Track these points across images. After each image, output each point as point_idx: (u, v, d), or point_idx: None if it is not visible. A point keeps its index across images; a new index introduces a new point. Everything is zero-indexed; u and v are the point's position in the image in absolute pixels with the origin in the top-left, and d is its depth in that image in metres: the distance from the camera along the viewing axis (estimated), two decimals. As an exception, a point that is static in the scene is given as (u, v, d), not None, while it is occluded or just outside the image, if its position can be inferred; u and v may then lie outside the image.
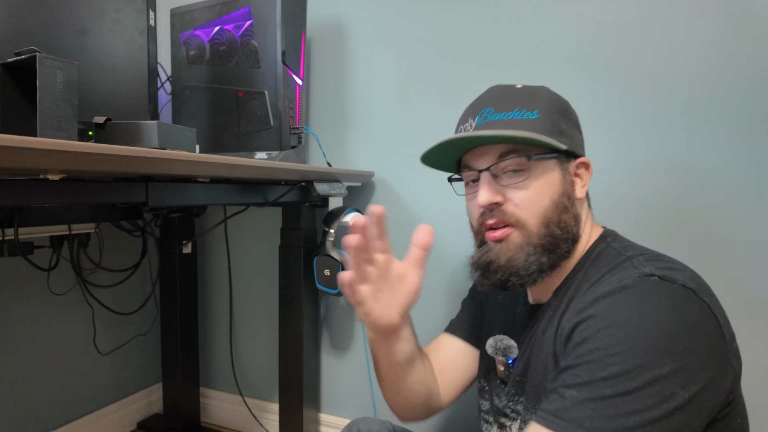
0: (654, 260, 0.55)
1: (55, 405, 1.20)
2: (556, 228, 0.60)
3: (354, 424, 0.81)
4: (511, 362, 0.68)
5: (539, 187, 0.60)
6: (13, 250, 0.94)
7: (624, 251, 0.59)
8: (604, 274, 0.57)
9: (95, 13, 0.86)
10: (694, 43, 0.91)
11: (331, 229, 1.06)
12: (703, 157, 0.91)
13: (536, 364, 0.62)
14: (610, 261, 0.59)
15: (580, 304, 0.55)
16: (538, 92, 0.64)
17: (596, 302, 0.52)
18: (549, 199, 0.60)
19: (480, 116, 0.64)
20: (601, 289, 0.53)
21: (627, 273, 0.54)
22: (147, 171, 0.61)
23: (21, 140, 0.42)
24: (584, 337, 0.51)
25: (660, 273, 0.52)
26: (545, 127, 0.60)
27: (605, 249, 0.62)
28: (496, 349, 0.71)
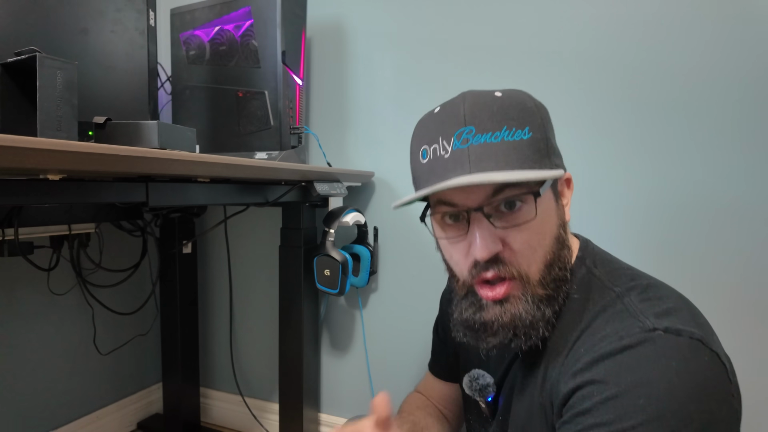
0: (647, 300, 0.50)
1: (55, 405, 1.20)
2: (558, 270, 0.53)
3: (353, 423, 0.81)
4: (491, 399, 0.64)
5: (540, 224, 0.51)
6: (13, 250, 0.94)
7: (610, 283, 0.53)
8: (594, 319, 0.51)
9: (95, 13, 0.86)
10: (699, 44, 0.91)
11: (331, 229, 1.06)
12: (706, 159, 0.91)
13: (519, 408, 0.57)
14: (596, 298, 0.52)
15: (573, 362, 0.49)
16: (523, 101, 0.52)
17: (595, 364, 0.47)
18: (550, 237, 0.52)
19: (458, 138, 0.51)
20: (598, 348, 0.47)
21: (625, 325, 0.48)
22: (147, 171, 0.61)
23: (21, 140, 0.42)
24: (586, 408, 0.45)
25: (662, 325, 0.46)
26: (540, 148, 0.51)
27: (587, 277, 0.55)
28: (473, 390, 0.66)
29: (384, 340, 1.23)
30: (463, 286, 0.55)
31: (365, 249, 1.15)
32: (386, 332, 1.23)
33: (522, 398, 0.57)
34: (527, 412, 0.56)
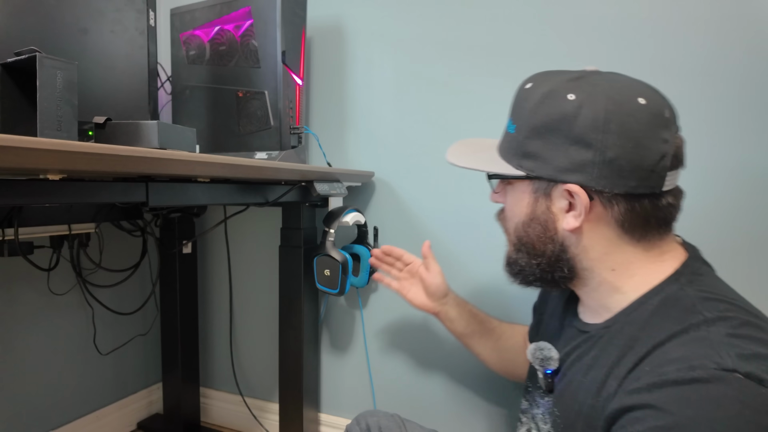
0: (737, 337, 0.44)
1: (55, 405, 1.20)
2: (525, 248, 0.59)
3: (362, 418, 0.81)
4: (550, 372, 0.64)
5: (510, 205, 0.61)
6: (13, 250, 0.94)
7: (701, 306, 0.48)
8: (670, 338, 0.47)
9: (95, 13, 0.86)
10: (698, 44, 0.91)
11: (331, 229, 1.06)
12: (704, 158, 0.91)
13: (571, 402, 0.57)
14: (680, 316, 0.49)
15: (635, 379, 0.47)
16: (529, 98, 0.56)
17: (656, 388, 0.44)
18: (518, 220, 0.59)
19: None
20: (664, 371, 0.44)
21: (700, 355, 0.44)
22: (147, 171, 0.61)
23: (21, 140, 0.42)
24: (637, 431, 0.43)
25: (744, 369, 0.41)
26: (511, 146, 0.58)
27: (677, 295, 0.51)
28: (535, 357, 0.66)
29: (384, 340, 1.23)
30: None
31: (365, 249, 1.15)
32: (386, 332, 1.23)
33: (577, 393, 0.56)
34: (577, 410, 0.55)
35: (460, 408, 1.16)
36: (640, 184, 0.51)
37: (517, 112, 0.57)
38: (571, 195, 0.54)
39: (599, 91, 0.52)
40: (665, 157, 0.51)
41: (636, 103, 0.51)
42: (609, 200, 0.52)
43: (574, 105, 0.52)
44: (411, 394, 1.20)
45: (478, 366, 1.13)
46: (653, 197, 0.52)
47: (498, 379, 1.11)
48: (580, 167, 0.52)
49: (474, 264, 1.11)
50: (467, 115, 1.10)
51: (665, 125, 0.51)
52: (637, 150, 0.50)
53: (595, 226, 0.54)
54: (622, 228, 0.53)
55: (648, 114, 0.51)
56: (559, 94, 0.53)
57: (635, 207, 0.52)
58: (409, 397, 1.21)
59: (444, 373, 1.17)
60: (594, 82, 0.53)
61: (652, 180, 0.51)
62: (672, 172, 0.52)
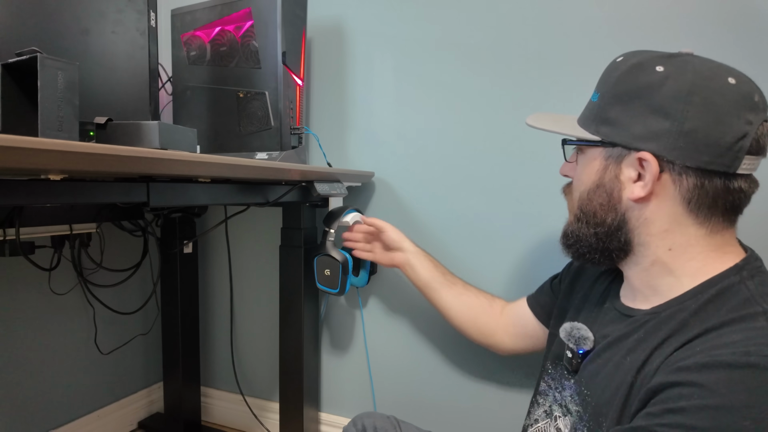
0: None
1: (56, 404, 1.21)
2: (585, 217, 0.60)
3: (359, 419, 0.82)
4: (582, 353, 0.63)
5: (580, 172, 0.61)
6: (15, 250, 0.95)
7: (761, 299, 0.48)
8: (726, 323, 0.47)
9: (96, 13, 0.87)
10: (698, 44, 0.91)
11: (331, 229, 1.06)
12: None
13: (606, 381, 0.56)
14: (738, 305, 0.48)
15: (683, 357, 0.47)
16: (616, 70, 0.57)
17: (707, 369, 0.43)
18: (584, 187, 0.60)
19: None
20: (717, 353, 0.44)
21: (758, 344, 0.43)
22: (148, 171, 0.61)
23: (22, 140, 0.42)
24: (681, 407, 0.43)
25: None
26: (594, 113, 0.58)
27: (736, 286, 0.50)
28: (570, 335, 0.66)
29: (384, 339, 1.23)
30: None
31: (365, 249, 1.15)
32: (386, 332, 1.23)
33: (615, 372, 0.55)
34: (615, 388, 0.54)
35: (459, 408, 1.16)
36: (714, 160, 0.50)
37: (603, 82, 0.58)
38: (642, 165, 0.53)
39: (689, 67, 0.52)
40: (746, 137, 0.49)
41: (725, 81, 0.50)
42: (679, 173, 0.52)
43: (661, 76, 0.52)
44: (411, 394, 1.21)
45: (479, 366, 1.13)
46: (726, 177, 0.51)
47: (499, 380, 1.11)
48: (655, 136, 0.52)
49: (474, 264, 1.11)
50: (467, 114, 1.10)
51: (752, 108, 0.50)
52: (718, 125, 0.49)
53: (661, 199, 0.53)
54: (688, 205, 0.52)
55: (736, 93, 0.50)
56: (649, 65, 0.53)
57: (705, 184, 0.51)
58: (408, 396, 1.21)
59: (444, 373, 1.17)
60: (686, 60, 0.53)
61: (727, 158, 0.50)
62: (751, 157, 0.50)
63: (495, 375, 1.11)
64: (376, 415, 0.83)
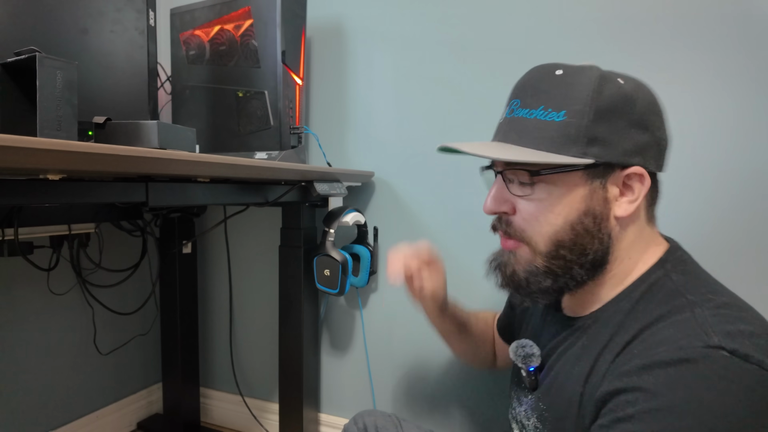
0: (721, 316, 0.45)
1: (55, 405, 1.20)
2: (568, 252, 0.53)
3: (359, 417, 0.82)
4: (533, 370, 0.64)
5: (551, 204, 0.53)
6: (13, 250, 0.94)
7: (685, 289, 0.50)
8: (657, 321, 0.48)
9: (95, 12, 0.86)
10: (698, 43, 0.91)
11: (331, 229, 1.06)
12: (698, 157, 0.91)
13: (559, 394, 0.57)
14: (665, 299, 0.50)
15: (624, 362, 0.47)
16: (577, 83, 0.52)
17: (646, 371, 0.44)
18: (563, 219, 0.53)
19: (508, 106, 0.56)
20: (653, 353, 0.45)
21: (687, 334, 0.44)
22: (147, 171, 0.61)
23: (21, 140, 0.42)
24: (628, 414, 0.43)
25: (730, 346, 0.42)
26: (568, 133, 0.51)
27: (662, 280, 0.52)
28: (517, 355, 0.65)
29: (384, 340, 1.23)
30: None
31: (365, 249, 1.15)
32: (386, 332, 1.22)
33: (566, 384, 0.55)
34: (567, 401, 0.54)
35: (459, 408, 1.16)
36: (665, 163, 0.55)
37: (561, 99, 0.52)
38: (628, 180, 0.53)
39: (637, 80, 0.54)
40: None
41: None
42: (653, 179, 0.55)
43: (631, 88, 0.52)
44: (410, 394, 1.20)
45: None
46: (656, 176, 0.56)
47: (499, 379, 1.11)
48: (641, 149, 0.52)
49: (474, 264, 1.11)
50: (467, 114, 1.10)
51: None
52: (666, 130, 0.55)
53: (637, 210, 0.54)
54: (649, 210, 0.56)
55: None
56: (611, 78, 0.52)
57: (657, 186, 0.56)
58: (408, 397, 1.21)
59: (444, 374, 1.17)
60: (616, 72, 0.54)
61: (667, 157, 0.56)
62: None
63: (495, 374, 1.11)
64: (377, 413, 0.83)
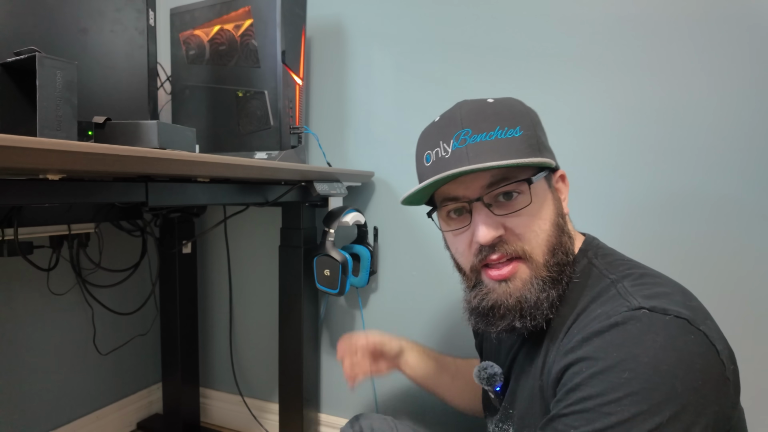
0: (639, 285, 0.51)
1: (55, 405, 1.20)
2: (561, 253, 0.56)
3: (356, 420, 0.82)
4: (499, 389, 0.65)
5: (538, 210, 0.56)
6: (13, 250, 0.94)
7: (607, 272, 0.55)
8: (589, 303, 0.53)
9: (95, 12, 0.86)
10: (698, 43, 0.91)
11: (331, 229, 1.06)
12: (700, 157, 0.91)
13: (522, 393, 0.59)
14: (593, 284, 0.55)
15: (567, 342, 0.52)
16: (514, 105, 0.58)
17: (585, 342, 0.49)
18: (549, 222, 0.56)
19: (456, 139, 0.56)
20: (589, 327, 0.50)
21: (614, 306, 0.49)
22: (147, 171, 0.61)
23: (21, 140, 0.42)
24: (576, 383, 0.47)
25: (649, 304, 0.47)
26: (531, 143, 0.56)
27: (587, 268, 0.57)
28: (481, 378, 0.67)
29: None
30: (470, 276, 0.60)
31: (365, 249, 1.15)
32: (392, 331, 1.22)
33: (525, 383, 0.59)
34: (529, 397, 0.58)
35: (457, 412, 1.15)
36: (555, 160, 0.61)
37: (513, 117, 0.56)
38: (563, 179, 0.61)
39: None
40: None
41: None
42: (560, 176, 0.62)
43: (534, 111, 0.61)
44: (410, 395, 1.20)
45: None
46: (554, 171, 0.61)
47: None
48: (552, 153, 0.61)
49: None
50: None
51: None
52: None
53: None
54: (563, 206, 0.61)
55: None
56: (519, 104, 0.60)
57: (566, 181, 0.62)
58: (408, 397, 1.20)
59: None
60: None
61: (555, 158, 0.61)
62: None
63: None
64: (373, 416, 0.83)
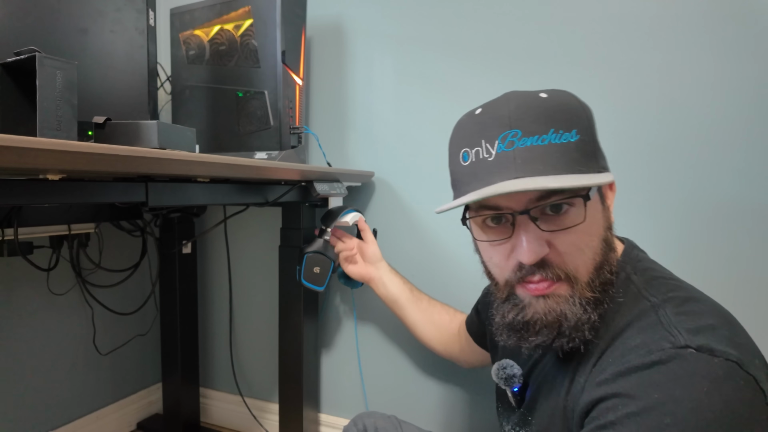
0: (684, 314, 0.47)
1: (55, 405, 1.20)
2: (607, 273, 0.52)
3: (359, 419, 0.82)
4: (516, 390, 0.64)
5: (588, 227, 0.50)
6: (13, 250, 0.94)
7: (647, 292, 0.51)
8: (626, 327, 0.49)
9: (95, 12, 0.86)
10: (699, 43, 0.91)
11: (328, 228, 1.06)
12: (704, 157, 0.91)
13: (543, 406, 0.57)
14: (630, 305, 0.51)
15: (600, 371, 0.48)
16: (569, 102, 0.52)
17: (622, 377, 0.45)
18: (598, 239, 0.51)
19: (502, 141, 0.50)
20: (627, 360, 0.46)
21: (656, 337, 0.46)
22: (147, 171, 0.61)
23: (21, 140, 0.42)
24: (609, 421, 0.44)
25: (696, 343, 0.43)
26: (588, 150, 0.50)
27: (625, 283, 0.53)
28: (499, 377, 0.65)
29: (384, 340, 1.23)
30: (504, 289, 0.55)
31: (365, 249, 1.15)
32: (386, 332, 1.22)
33: (549, 398, 0.56)
34: (551, 414, 0.55)
35: (459, 411, 1.16)
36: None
37: (568, 118, 0.50)
38: (611, 186, 0.56)
39: None
40: None
41: None
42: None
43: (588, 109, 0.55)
44: (407, 394, 1.20)
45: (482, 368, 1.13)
46: None
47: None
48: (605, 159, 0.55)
49: (474, 265, 1.11)
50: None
51: None
52: None
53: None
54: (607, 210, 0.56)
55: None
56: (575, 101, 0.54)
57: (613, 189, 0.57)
58: (408, 397, 1.21)
59: (444, 375, 1.17)
60: None
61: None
62: None
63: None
64: (377, 414, 0.83)
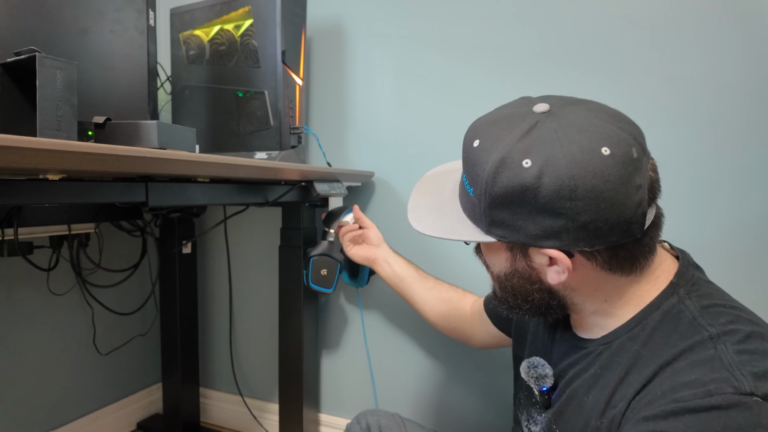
0: (747, 353, 0.43)
1: (55, 405, 1.20)
2: (510, 295, 0.58)
3: (362, 417, 0.81)
4: (546, 389, 0.63)
5: (487, 256, 0.60)
6: (13, 250, 0.94)
7: (703, 320, 0.47)
8: (677, 357, 0.46)
9: (95, 12, 0.86)
10: (700, 43, 0.91)
11: (331, 230, 1.06)
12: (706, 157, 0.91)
13: (573, 421, 0.55)
14: (684, 332, 0.47)
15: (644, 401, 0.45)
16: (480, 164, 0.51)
17: (675, 417, 0.42)
18: (497, 271, 0.58)
19: None
20: (679, 396, 0.43)
21: (713, 375, 0.42)
22: (147, 171, 0.61)
23: (21, 140, 0.42)
24: None
25: (762, 390, 0.40)
26: (474, 212, 0.53)
27: (678, 308, 0.50)
28: (529, 376, 0.64)
29: (384, 339, 1.23)
30: None
31: (365, 249, 1.15)
32: (386, 332, 1.22)
33: (580, 412, 0.54)
34: (581, 429, 0.53)
35: (461, 408, 1.16)
36: (621, 237, 0.48)
37: (472, 176, 0.52)
38: (554, 261, 0.51)
39: (557, 152, 0.46)
40: (642, 203, 0.47)
41: (600, 157, 0.45)
42: (591, 254, 0.50)
43: (532, 174, 0.46)
44: (412, 394, 1.20)
45: (482, 365, 1.13)
46: (636, 240, 0.49)
47: (502, 378, 1.11)
48: (554, 234, 0.48)
49: (474, 264, 1.11)
50: (467, 114, 1.10)
51: (636, 168, 0.46)
52: (612, 209, 0.46)
53: (581, 272, 0.52)
54: (610, 270, 0.51)
55: (615, 166, 0.46)
56: (514, 161, 0.47)
57: (619, 253, 0.50)
58: (409, 396, 1.21)
59: (445, 373, 1.17)
60: (547, 137, 0.47)
61: (633, 230, 0.48)
62: (650, 210, 0.49)
63: (497, 374, 1.11)
64: (380, 412, 0.82)
